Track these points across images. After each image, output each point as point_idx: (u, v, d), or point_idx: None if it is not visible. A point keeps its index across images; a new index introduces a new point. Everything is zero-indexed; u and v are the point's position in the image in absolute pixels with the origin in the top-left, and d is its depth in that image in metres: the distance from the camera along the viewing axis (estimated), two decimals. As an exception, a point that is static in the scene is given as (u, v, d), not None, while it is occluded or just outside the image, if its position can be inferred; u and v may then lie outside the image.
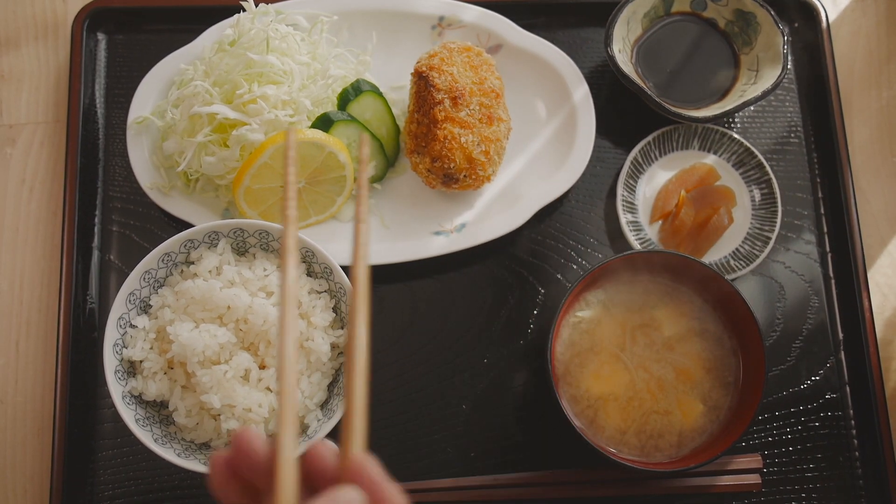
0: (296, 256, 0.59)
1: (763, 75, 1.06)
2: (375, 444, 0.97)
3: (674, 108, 1.04)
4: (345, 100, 1.02)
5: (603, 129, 1.09)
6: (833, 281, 1.07)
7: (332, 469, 0.50)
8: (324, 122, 0.99)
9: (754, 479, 0.96)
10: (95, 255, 1.03)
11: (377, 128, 1.03)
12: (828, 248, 1.08)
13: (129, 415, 0.84)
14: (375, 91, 1.03)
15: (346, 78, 1.04)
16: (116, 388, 0.85)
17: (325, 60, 1.03)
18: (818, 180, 1.11)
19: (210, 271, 0.90)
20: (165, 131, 1.02)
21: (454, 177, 0.98)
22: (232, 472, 0.51)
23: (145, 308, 0.91)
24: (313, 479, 0.51)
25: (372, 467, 0.50)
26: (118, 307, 0.87)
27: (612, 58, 1.05)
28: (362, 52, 1.08)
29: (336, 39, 1.08)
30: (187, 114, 0.97)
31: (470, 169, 0.97)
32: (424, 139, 0.97)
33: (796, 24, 1.17)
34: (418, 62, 1.00)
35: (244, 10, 1.03)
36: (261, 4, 1.04)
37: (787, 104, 1.14)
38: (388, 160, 1.05)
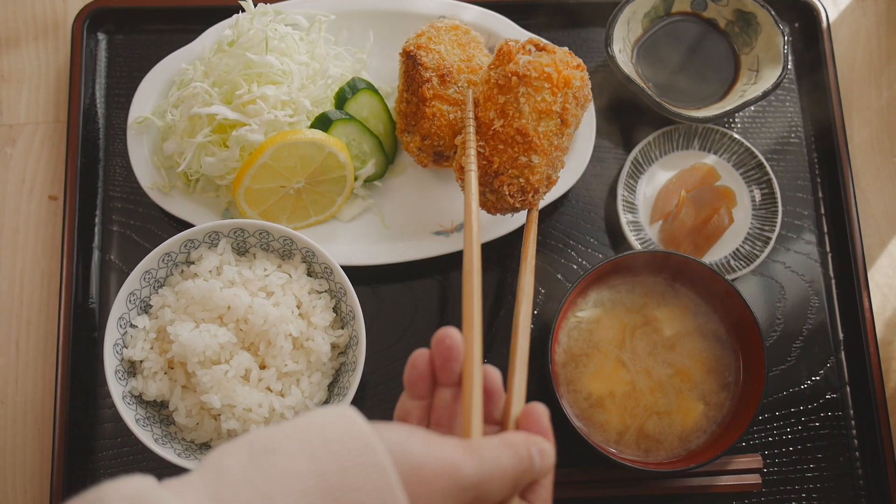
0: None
1: (763, 75, 1.06)
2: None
3: (674, 108, 1.04)
4: (342, 98, 1.02)
5: (603, 129, 1.09)
6: (833, 281, 1.07)
7: (498, 392, 0.61)
8: (322, 122, 0.99)
9: (754, 479, 0.96)
10: (95, 255, 1.03)
11: (375, 125, 1.03)
12: (828, 248, 1.08)
13: (129, 415, 0.84)
14: (371, 88, 1.03)
15: (345, 77, 1.04)
16: (117, 388, 0.85)
17: (324, 60, 1.03)
18: (818, 180, 1.11)
19: (210, 271, 0.90)
20: (165, 132, 1.02)
21: (444, 154, 0.98)
22: (431, 368, 0.60)
23: (145, 308, 0.91)
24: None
25: (546, 419, 0.58)
26: (118, 307, 0.87)
27: (612, 58, 1.05)
28: (359, 51, 1.08)
29: (334, 39, 1.08)
30: (187, 114, 0.97)
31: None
32: (414, 118, 0.97)
33: (796, 25, 1.17)
34: (406, 42, 1.00)
35: (243, 11, 1.03)
36: (260, 4, 1.04)
37: (788, 104, 1.14)
38: (388, 158, 1.05)
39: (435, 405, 0.61)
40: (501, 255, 1.04)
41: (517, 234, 1.04)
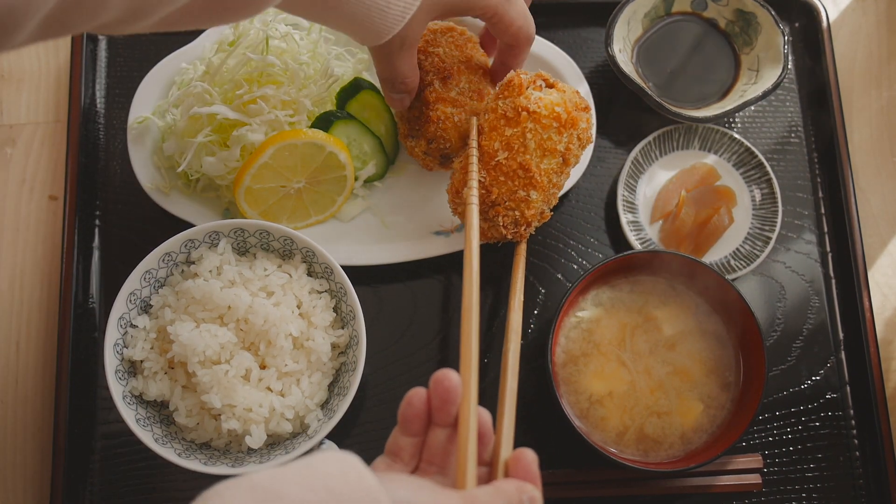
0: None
1: (763, 75, 1.06)
2: (376, 444, 0.97)
3: (674, 108, 1.04)
4: (343, 98, 1.02)
5: (603, 129, 1.09)
6: (833, 281, 1.07)
7: (488, 434, 0.64)
8: (323, 122, 0.98)
9: (755, 478, 0.96)
10: (95, 255, 1.03)
11: (377, 125, 1.03)
12: (828, 248, 1.08)
13: (129, 415, 0.84)
14: (373, 88, 1.03)
15: (346, 78, 1.04)
16: (117, 388, 0.85)
17: (325, 60, 1.03)
18: (818, 180, 1.11)
19: (210, 271, 0.90)
20: (165, 132, 1.02)
21: (451, 156, 0.98)
22: (427, 407, 0.61)
23: (146, 308, 0.91)
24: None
25: (535, 466, 0.60)
26: (119, 307, 0.87)
27: (612, 58, 1.05)
28: (361, 52, 1.08)
29: (335, 38, 1.08)
30: (187, 114, 0.97)
31: (465, 148, 0.97)
32: (417, 122, 0.97)
33: (797, 24, 1.17)
34: None
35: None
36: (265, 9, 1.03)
37: (788, 104, 1.14)
38: (389, 158, 1.05)
39: (428, 444, 0.63)
40: (501, 254, 1.04)
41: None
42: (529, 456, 0.61)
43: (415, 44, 0.85)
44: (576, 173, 1.04)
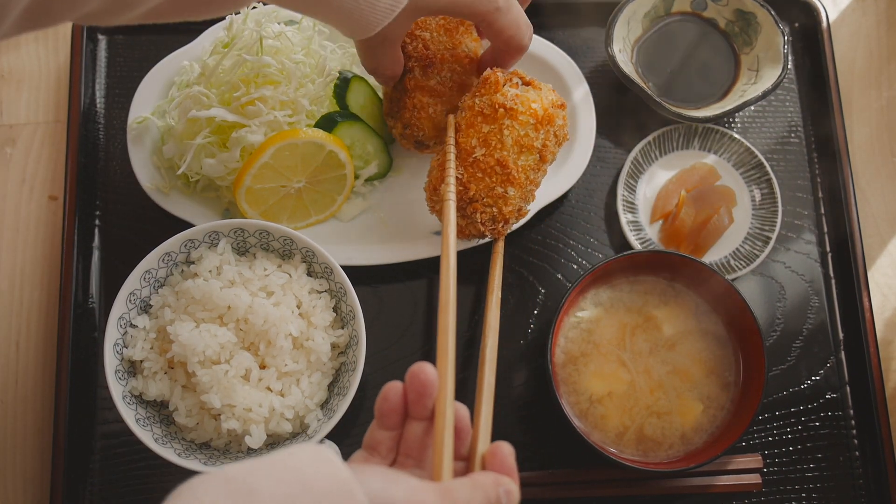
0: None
1: (763, 75, 1.06)
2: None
3: (674, 108, 1.04)
4: (340, 94, 1.01)
5: (603, 129, 1.09)
6: (833, 281, 1.07)
7: (466, 429, 0.64)
8: (327, 123, 0.98)
9: (754, 478, 0.96)
10: (95, 255, 1.03)
11: (371, 110, 1.03)
12: (828, 248, 1.08)
13: (129, 414, 0.84)
14: (359, 77, 1.02)
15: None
16: (117, 388, 0.85)
17: (320, 57, 1.02)
18: (818, 180, 1.11)
19: (210, 271, 0.90)
20: (165, 134, 1.02)
21: (424, 143, 0.98)
22: (403, 401, 0.62)
23: (146, 308, 0.91)
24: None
25: (512, 459, 0.61)
26: (118, 307, 0.87)
27: (612, 58, 1.05)
28: (351, 46, 1.07)
29: (328, 32, 1.07)
30: (185, 117, 0.97)
31: (439, 137, 0.97)
32: (397, 104, 0.97)
33: (796, 24, 1.17)
34: None
35: (238, 13, 1.02)
36: (253, 3, 1.03)
37: (788, 104, 1.14)
38: (387, 139, 1.04)
39: (405, 437, 0.63)
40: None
41: (517, 234, 1.04)
42: (506, 449, 0.61)
43: (397, 40, 0.86)
44: (576, 173, 1.04)
